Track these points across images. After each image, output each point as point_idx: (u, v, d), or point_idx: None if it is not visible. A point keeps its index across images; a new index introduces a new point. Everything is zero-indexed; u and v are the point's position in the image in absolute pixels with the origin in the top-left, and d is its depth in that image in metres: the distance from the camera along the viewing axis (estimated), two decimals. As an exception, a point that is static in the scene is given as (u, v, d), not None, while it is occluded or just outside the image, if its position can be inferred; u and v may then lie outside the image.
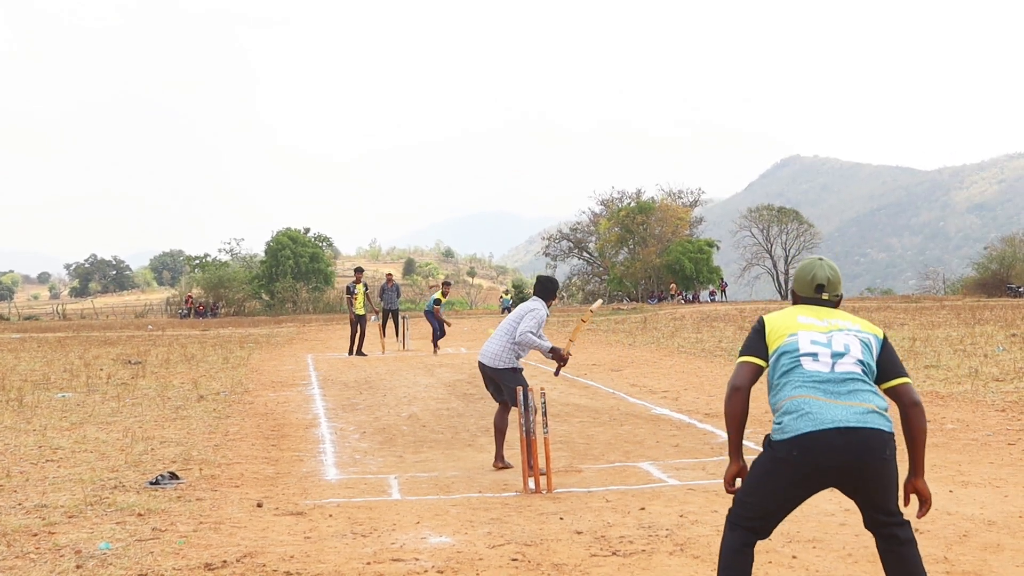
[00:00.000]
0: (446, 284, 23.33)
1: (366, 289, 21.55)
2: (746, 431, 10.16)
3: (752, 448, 8.96)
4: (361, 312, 21.26)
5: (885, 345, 3.94)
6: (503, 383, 8.35)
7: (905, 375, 3.86)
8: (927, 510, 3.86)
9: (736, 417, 3.92)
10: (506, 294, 58.52)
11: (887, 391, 3.87)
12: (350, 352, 21.26)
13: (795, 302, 4.15)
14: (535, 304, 8.42)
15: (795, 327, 3.93)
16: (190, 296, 58.15)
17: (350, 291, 21.32)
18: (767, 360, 3.93)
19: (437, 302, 22.77)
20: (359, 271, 21.86)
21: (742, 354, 3.97)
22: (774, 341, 3.92)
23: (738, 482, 4.00)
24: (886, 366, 3.88)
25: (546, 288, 8.54)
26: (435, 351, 21.67)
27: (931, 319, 26.37)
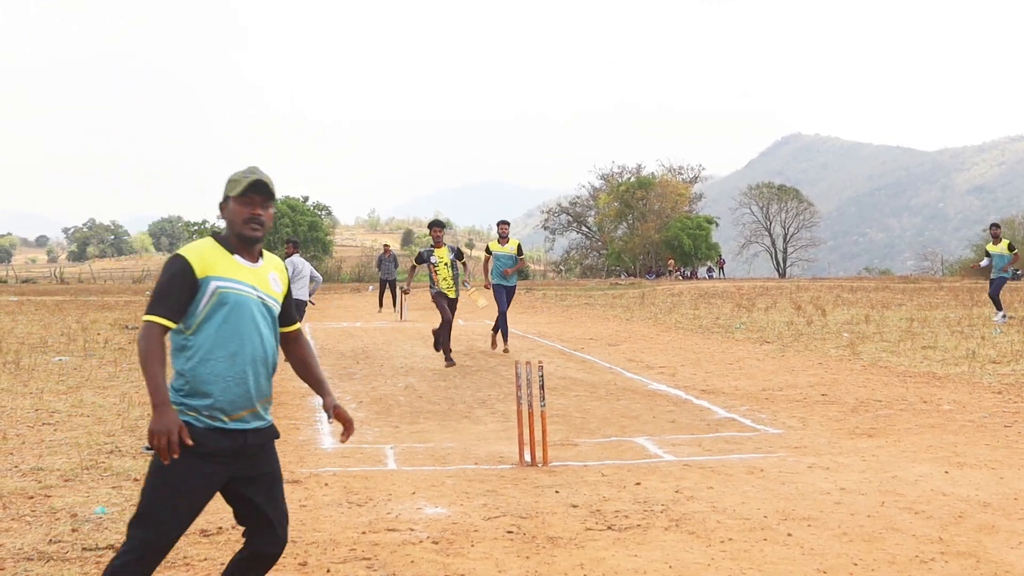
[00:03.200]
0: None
1: (457, 258, 14.13)
2: (741, 407, 10.07)
3: (750, 425, 8.97)
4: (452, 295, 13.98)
5: None
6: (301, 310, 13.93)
7: None
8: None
9: None
10: None
11: None
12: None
13: None
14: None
15: None
16: None
17: (424, 259, 14.03)
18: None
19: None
20: (438, 226, 14.17)
21: None
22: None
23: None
24: None
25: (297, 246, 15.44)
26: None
27: (929, 300, 26.39)
